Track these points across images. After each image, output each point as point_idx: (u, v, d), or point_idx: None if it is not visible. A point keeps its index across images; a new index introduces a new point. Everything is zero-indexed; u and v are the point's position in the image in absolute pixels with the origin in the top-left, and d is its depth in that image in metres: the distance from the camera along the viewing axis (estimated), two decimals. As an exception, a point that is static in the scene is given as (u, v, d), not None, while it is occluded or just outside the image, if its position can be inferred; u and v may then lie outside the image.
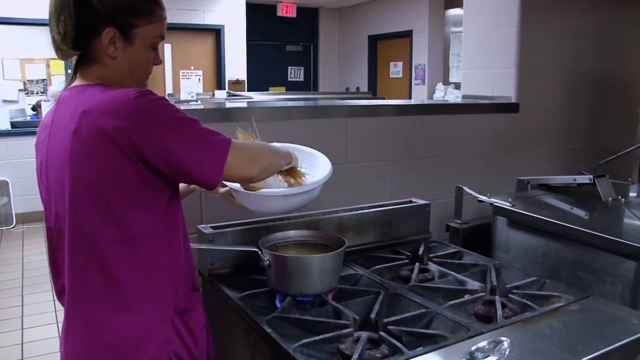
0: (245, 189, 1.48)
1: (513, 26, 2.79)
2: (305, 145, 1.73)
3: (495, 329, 1.34)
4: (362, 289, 1.58)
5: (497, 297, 1.52)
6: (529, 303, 1.50)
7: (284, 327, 1.37)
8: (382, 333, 1.31)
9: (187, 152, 1.13)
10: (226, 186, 1.57)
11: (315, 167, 1.65)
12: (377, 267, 1.77)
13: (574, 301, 1.51)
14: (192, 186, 1.55)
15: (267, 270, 1.52)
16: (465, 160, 2.64)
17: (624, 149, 3.10)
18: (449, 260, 1.86)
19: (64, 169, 1.15)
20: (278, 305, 1.54)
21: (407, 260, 1.86)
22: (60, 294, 1.26)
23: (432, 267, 1.81)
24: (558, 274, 1.88)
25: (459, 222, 2.29)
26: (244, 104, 2.52)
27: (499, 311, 1.43)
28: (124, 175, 1.12)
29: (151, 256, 1.18)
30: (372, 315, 1.40)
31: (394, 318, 1.38)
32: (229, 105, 2.34)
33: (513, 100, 2.87)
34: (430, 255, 1.92)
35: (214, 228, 1.70)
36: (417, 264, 1.80)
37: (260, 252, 1.52)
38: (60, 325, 1.25)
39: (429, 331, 1.35)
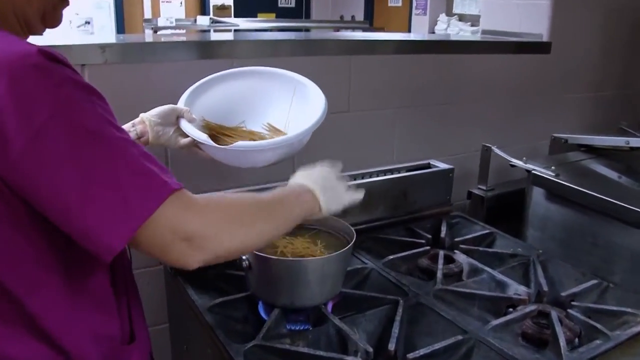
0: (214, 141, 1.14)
1: (547, -56, 2.30)
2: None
3: (563, 373, 0.97)
4: (373, 296, 1.19)
5: (554, 314, 1.13)
6: (595, 324, 1.13)
7: (269, 362, 0.99)
8: (407, 381, 0.93)
9: (69, 191, 0.64)
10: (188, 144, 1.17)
11: (307, 100, 1.25)
12: (390, 257, 1.37)
13: (656, 321, 1.13)
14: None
15: (247, 272, 1.12)
16: (486, 110, 2.20)
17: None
18: (480, 249, 1.47)
19: None
20: (262, 314, 1.15)
21: (427, 247, 1.47)
22: None
23: (460, 257, 1.42)
24: (613, 266, 1.50)
25: (483, 188, 1.89)
26: (228, 36, 2.05)
27: (562, 340, 1.05)
28: None
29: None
30: (391, 347, 1.02)
31: (421, 352, 1.00)
32: (210, 37, 1.88)
33: (545, 38, 2.41)
34: (455, 238, 1.52)
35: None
36: (441, 252, 1.41)
37: (237, 248, 1.11)
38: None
39: (472, 377, 0.97)
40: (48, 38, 1.13)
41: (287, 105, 1.26)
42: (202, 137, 1.11)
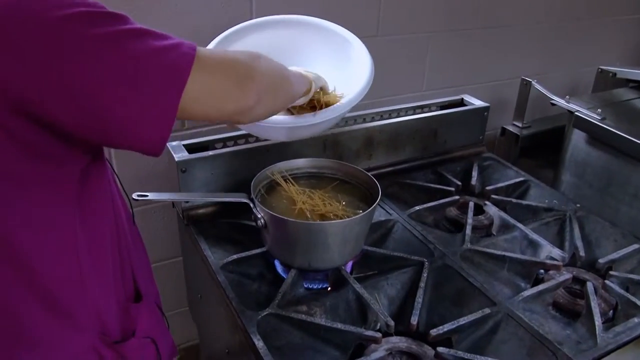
0: None
1: None
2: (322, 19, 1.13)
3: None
4: (396, 256, 1.11)
5: (589, 286, 1.06)
6: (634, 300, 1.05)
7: (283, 332, 0.94)
8: (427, 349, 0.88)
9: (97, 93, 0.56)
10: None
11: (350, 58, 1.07)
12: (417, 208, 1.29)
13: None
14: None
15: (263, 231, 1.05)
16: (526, 34, 1.99)
17: None
18: (512, 200, 1.37)
19: None
20: (279, 271, 1.10)
21: (456, 195, 1.37)
22: None
23: (490, 209, 1.33)
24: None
25: (519, 125, 1.76)
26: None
27: (597, 318, 0.98)
28: None
29: (46, 272, 0.67)
30: (414, 320, 0.96)
31: (445, 328, 0.94)
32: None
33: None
34: (487, 186, 1.42)
35: (190, 149, 1.19)
36: (471, 203, 1.32)
37: (252, 205, 1.03)
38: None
39: (497, 361, 0.91)
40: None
41: (327, 64, 1.07)
42: None
